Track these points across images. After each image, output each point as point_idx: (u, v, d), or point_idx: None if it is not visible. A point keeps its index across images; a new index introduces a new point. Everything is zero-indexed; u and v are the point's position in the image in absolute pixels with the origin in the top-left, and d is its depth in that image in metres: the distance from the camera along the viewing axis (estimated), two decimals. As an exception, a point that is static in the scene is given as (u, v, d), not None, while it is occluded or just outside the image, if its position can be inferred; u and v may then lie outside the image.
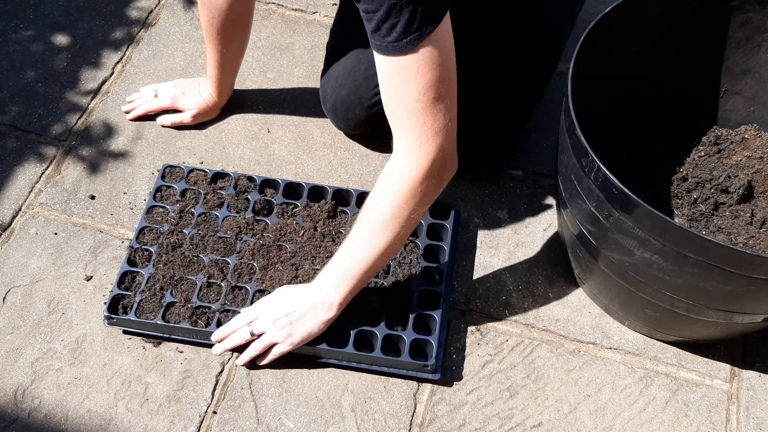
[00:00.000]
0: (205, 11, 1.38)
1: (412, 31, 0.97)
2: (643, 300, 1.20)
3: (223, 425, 1.22)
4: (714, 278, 1.06)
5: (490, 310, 1.36)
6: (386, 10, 0.96)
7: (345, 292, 1.17)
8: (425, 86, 1.01)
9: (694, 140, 1.42)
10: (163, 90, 1.58)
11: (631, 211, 1.06)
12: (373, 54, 1.05)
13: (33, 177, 1.50)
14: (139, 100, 1.60)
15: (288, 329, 1.19)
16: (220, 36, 1.41)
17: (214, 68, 1.49)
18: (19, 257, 1.39)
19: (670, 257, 1.07)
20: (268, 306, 1.21)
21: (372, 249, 1.14)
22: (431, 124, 1.04)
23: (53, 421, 1.22)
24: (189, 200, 1.41)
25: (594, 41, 1.20)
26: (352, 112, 1.46)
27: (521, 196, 1.51)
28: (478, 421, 1.24)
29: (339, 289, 1.17)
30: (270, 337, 1.20)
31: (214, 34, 1.41)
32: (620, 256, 1.15)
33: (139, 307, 1.28)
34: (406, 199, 1.09)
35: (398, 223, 1.12)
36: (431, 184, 1.10)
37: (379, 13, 0.97)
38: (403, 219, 1.11)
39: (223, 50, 1.45)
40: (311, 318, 1.18)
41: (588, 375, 1.29)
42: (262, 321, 1.20)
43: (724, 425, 1.25)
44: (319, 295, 1.18)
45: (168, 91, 1.57)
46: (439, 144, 1.06)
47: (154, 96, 1.58)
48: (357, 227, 1.16)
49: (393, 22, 0.97)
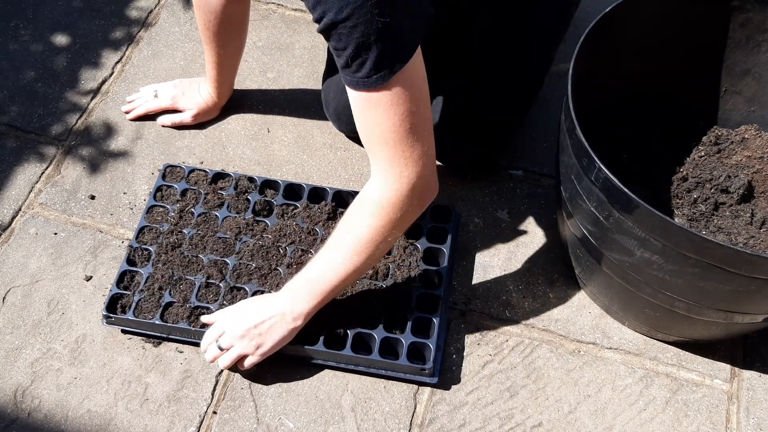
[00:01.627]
0: (200, 14, 1.39)
1: (382, 68, 0.98)
2: (643, 300, 1.20)
3: (223, 425, 1.22)
4: (714, 278, 1.06)
5: (490, 310, 1.36)
6: (354, 48, 0.97)
7: (313, 305, 1.18)
8: (400, 118, 1.02)
9: (694, 140, 1.42)
10: (163, 90, 1.58)
11: (632, 211, 1.06)
12: None
13: (33, 177, 1.50)
14: (139, 100, 1.60)
15: (258, 340, 1.18)
16: (217, 38, 1.42)
17: (212, 69, 1.50)
18: (19, 257, 1.39)
19: (670, 257, 1.07)
20: (234, 320, 1.20)
21: (345, 268, 1.15)
22: (409, 154, 1.05)
23: (53, 421, 1.22)
24: (189, 200, 1.41)
25: (594, 41, 1.20)
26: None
27: (521, 196, 1.51)
28: (478, 421, 1.24)
29: (308, 301, 1.17)
30: (238, 350, 1.19)
31: (210, 37, 1.42)
32: (620, 257, 1.15)
33: (138, 306, 1.28)
34: (383, 224, 1.10)
35: (374, 246, 1.13)
36: (411, 209, 1.11)
37: (348, 50, 0.98)
38: (378, 242, 1.12)
39: (220, 52, 1.45)
40: (280, 328, 1.18)
41: (588, 375, 1.29)
42: (229, 336, 1.20)
43: (724, 425, 1.25)
44: (288, 304, 1.18)
45: (168, 91, 1.58)
46: (419, 171, 1.07)
47: (154, 96, 1.58)
48: (332, 244, 1.16)
49: (362, 59, 0.98)
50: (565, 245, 1.36)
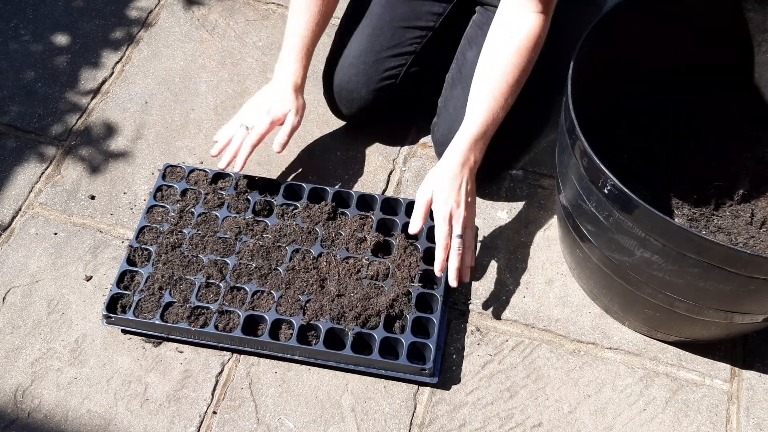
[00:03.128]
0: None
1: None
2: (643, 300, 1.20)
3: (223, 425, 1.22)
4: (714, 278, 1.06)
5: (489, 310, 1.36)
6: None
7: (482, 149, 1.26)
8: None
9: (694, 140, 1.42)
10: (250, 118, 1.40)
11: (631, 211, 1.06)
12: (386, 39, 1.03)
13: (33, 177, 1.50)
14: (235, 142, 1.39)
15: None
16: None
17: (310, 37, 1.41)
18: (19, 257, 1.39)
19: (670, 257, 1.07)
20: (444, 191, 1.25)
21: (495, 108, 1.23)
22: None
23: (53, 421, 1.22)
24: (189, 200, 1.41)
25: (594, 41, 1.20)
26: (358, 93, 1.47)
27: (521, 196, 1.51)
28: (478, 421, 1.24)
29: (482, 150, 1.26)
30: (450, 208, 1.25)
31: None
32: (620, 256, 1.15)
33: (138, 306, 1.28)
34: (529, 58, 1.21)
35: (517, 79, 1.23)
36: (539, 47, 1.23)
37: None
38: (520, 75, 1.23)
39: (328, 12, 1.41)
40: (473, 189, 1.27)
41: (588, 375, 1.29)
42: (457, 217, 1.24)
43: (724, 425, 1.25)
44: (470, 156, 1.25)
45: (257, 116, 1.39)
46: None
47: (246, 131, 1.39)
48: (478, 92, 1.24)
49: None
50: (564, 245, 1.36)
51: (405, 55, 1.46)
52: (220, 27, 1.76)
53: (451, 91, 1.43)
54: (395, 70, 1.46)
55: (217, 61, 1.70)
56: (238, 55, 1.71)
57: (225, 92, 1.65)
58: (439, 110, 1.46)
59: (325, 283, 1.31)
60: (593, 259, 1.23)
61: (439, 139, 1.44)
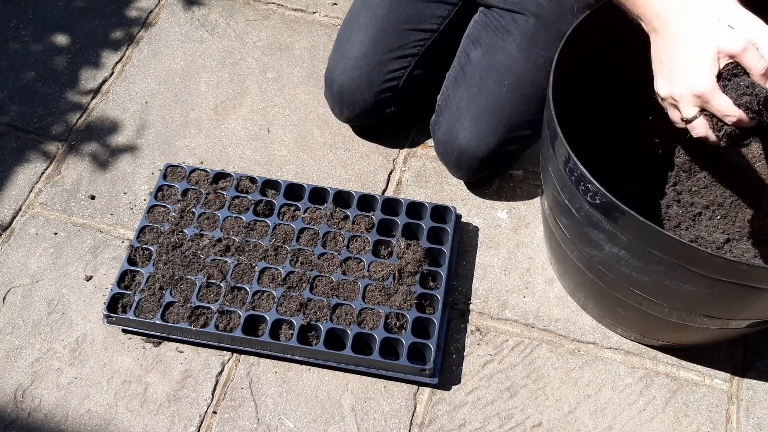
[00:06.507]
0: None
1: None
2: (614, 298, 1.19)
3: (223, 425, 1.22)
4: (679, 277, 1.03)
5: (489, 310, 1.36)
6: None
7: None
8: None
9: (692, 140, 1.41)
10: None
11: (595, 200, 1.03)
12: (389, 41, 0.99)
13: (33, 177, 1.50)
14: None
15: None
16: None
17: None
18: (19, 257, 1.40)
19: (636, 253, 1.04)
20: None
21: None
22: None
23: (53, 421, 1.22)
24: (190, 200, 1.41)
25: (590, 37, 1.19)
26: (360, 95, 1.46)
27: (521, 196, 1.51)
28: (478, 421, 1.24)
29: None
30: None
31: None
32: (591, 251, 1.13)
33: (138, 306, 1.28)
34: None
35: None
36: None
37: None
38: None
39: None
40: None
41: (588, 375, 1.29)
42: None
43: (724, 425, 1.25)
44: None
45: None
46: None
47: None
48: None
49: None
50: (547, 242, 1.34)
51: (408, 57, 1.46)
52: (220, 27, 1.77)
53: (454, 91, 1.43)
54: (398, 73, 1.46)
55: (217, 61, 1.70)
56: (238, 55, 1.71)
57: (225, 92, 1.65)
58: (440, 108, 1.46)
59: (325, 283, 1.31)
60: (567, 252, 1.21)
61: (441, 138, 1.44)
